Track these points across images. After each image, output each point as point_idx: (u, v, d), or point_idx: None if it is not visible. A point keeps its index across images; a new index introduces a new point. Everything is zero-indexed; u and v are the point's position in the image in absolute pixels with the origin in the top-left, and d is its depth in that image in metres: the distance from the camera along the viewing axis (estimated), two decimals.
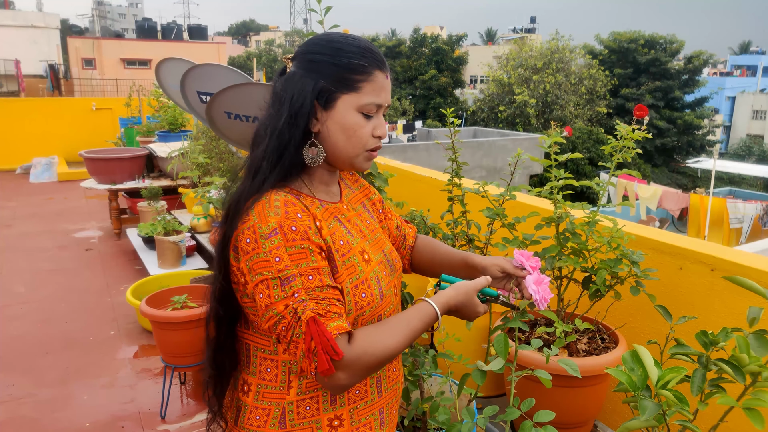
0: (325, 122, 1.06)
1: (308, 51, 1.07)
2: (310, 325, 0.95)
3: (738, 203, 13.07)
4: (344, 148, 1.07)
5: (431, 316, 1.09)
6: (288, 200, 1.01)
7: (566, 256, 1.97)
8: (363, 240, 1.14)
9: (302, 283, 0.97)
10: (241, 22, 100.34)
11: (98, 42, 29.23)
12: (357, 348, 0.98)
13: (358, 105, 1.05)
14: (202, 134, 5.10)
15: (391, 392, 1.17)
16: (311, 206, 1.06)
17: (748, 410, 1.15)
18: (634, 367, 1.20)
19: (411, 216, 2.72)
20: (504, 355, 1.23)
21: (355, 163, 1.10)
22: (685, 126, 28.87)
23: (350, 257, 1.07)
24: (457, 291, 1.14)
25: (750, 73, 52.45)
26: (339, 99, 1.05)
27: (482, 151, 18.92)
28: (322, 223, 1.05)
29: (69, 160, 9.31)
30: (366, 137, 1.07)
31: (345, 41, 1.07)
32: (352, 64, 1.04)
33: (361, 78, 1.05)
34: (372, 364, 1.00)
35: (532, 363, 1.79)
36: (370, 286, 1.08)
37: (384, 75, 1.08)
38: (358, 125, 1.06)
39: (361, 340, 0.99)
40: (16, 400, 2.94)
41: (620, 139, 2.00)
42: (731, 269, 1.83)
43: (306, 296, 0.96)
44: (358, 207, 1.23)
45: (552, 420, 1.27)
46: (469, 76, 42.96)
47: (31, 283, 4.58)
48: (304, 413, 1.06)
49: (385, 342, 1.02)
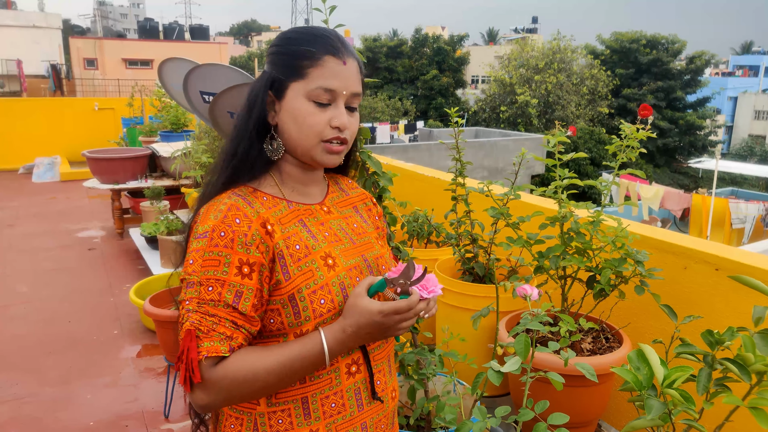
0: (279, 113, 1.05)
1: (269, 46, 1.09)
2: (185, 337, 0.94)
3: (740, 203, 13.06)
4: (298, 138, 1.03)
5: (315, 344, 0.98)
6: (235, 204, 0.99)
7: (570, 255, 1.97)
8: (333, 244, 1.08)
9: (198, 293, 0.95)
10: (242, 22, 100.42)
11: (100, 42, 29.26)
12: (220, 372, 0.94)
13: (306, 91, 1.02)
14: (204, 134, 5.10)
15: (375, 407, 1.10)
16: (272, 209, 1.03)
17: (754, 409, 1.15)
18: (639, 366, 1.20)
19: (415, 216, 2.72)
20: (524, 356, 1.23)
21: (314, 156, 1.04)
22: (687, 126, 28.84)
23: (308, 262, 1.02)
24: (344, 311, 1.02)
25: (752, 73, 52.39)
26: (288, 87, 1.03)
27: (484, 152, 18.92)
28: (275, 226, 1.01)
29: (71, 160, 9.32)
30: (319, 126, 1.02)
31: (299, 32, 1.06)
32: (299, 51, 1.03)
33: (309, 63, 1.02)
34: (234, 391, 0.95)
35: (542, 365, 1.79)
36: (330, 292, 1.02)
37: (339, 60, 1.03)
38: (307, 112, 1.02)
39: (229, 364, 0.95)
40: (20, 400, 2.94)
41: (624, 139, 2.00)
42: (736, 269, 1.83)
43: (195, 307, 0.95)
44: (347, 210, 1.18)
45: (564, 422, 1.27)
46: (470, 76, 42.94)
47: (34, 282, 4.58)
48: (277, 426, 1.03)
49: (252, 369, 0.95)
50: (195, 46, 30.01)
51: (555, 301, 2.16)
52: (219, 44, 32.69)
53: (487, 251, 2.27)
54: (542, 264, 1.99)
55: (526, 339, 1.24)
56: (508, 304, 2.14)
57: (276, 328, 1.01)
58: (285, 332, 1.01)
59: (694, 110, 30.09)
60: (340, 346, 1.00)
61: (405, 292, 1.02)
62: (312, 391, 1.03)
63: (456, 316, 2.24)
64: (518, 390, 1.94)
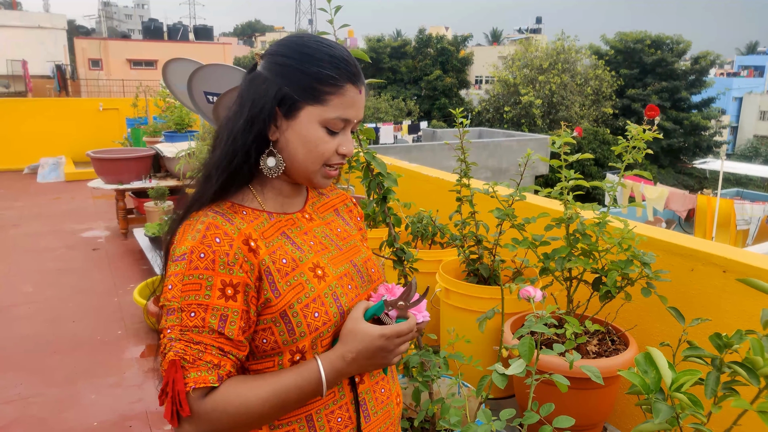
0: (285, 131, 0.98)
1: (277, 52, 0.99)
2: (169, 368, 0.89)
3: (745, 204, 12.99)
4: (303, 162, 0.99)
5: (312, 373, 0.94)
6: (212, 223, 0.94)
7: (576, 257, 1.96)
8: (320, 254, 1.04)
9: (180, 320, 0.90)
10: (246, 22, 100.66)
11: (105, 43, 29.37)
12: (209, 404, 0.89)
13: (323, 119, 0.97)
14: (208, 134, 5.11)
15: (381, 416, 1.07)
16: (253, 222, 0.98)
17: (763, 413, 1.14)
18: (647, 370, 1.19)
19: (419, 216, 2.72)
20: (528, 359, 1.22)
21: (312, 180, 1.01)
22: (692, 127, 28.75)
23: (296, 275, 0.98)
24: (340, 337, 0.98)
25: (757, 73, 52.19)
26: (302, 109, 0.96)
27: (487, 152, 18.90)
28: (259, 242, 0.96)
29: (76, 160, 9.35)
30: (327, 153, 0.99)
31: (317, 47, 0.98)
32: (321, 74, 0.96)
33: (330, 90, 0.96)
34: (223, 425, 0.90)
35: (548, 367, 1.78)
36: (324, 304, 0.98)
37: (357, 89, 0.99)
38: (319, 140, 0.98)
39: (219, 396, 0.90)
40: (25, 400, 2.95)
41: (630, 140, 1.99)
42: (743, 271, 1.82)
43: (177, 335, 0.90)
44: (329, 215, 1.14)
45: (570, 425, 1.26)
46: (474, 76, 42.91)
47: (39, 282, 4.59)
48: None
49: (244, 400, 0.91)
50: (199, 46, 30.09)
51: (561, 302, 2.15)
52: (223, 45, 32.78)
53: (492, 252, 2.26)
54: (548, 265, 1.98)
55: (531, 342, 1.23)
56: (514, 306, 2.13)
57: (270, 347, 0.97)
58: (280, 351, 0.97)
59: (698, 111, 29.98)
60: (337, 375, 0.96)
61: (402, 315, 0.99)
62: (316, 407, 1.00)
63: (461, 318, 2.23)
64: (523, 392, 1.93)
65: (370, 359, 0.96)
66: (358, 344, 0.95)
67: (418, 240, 2.73)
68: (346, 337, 0.97)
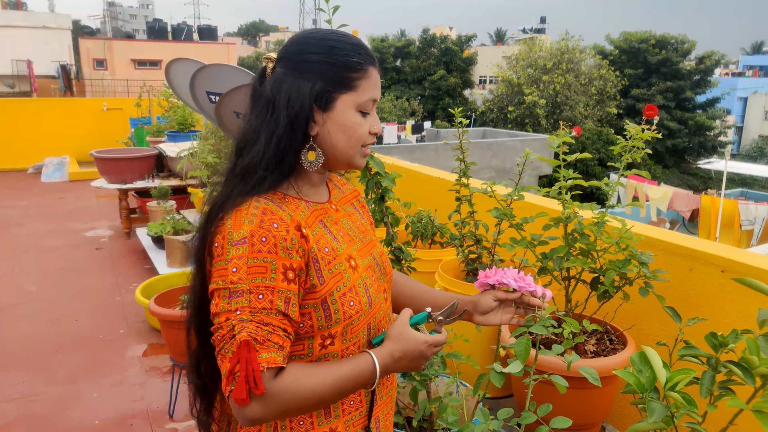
0: (324, 124, 1.02)
1: (300, 52, 1.02)
2: (241, 348, 0.90)
3: (750, 204, 12.94)
4: (344, 149, 1.05)
5: (368, 367, 1.01)
6: (267, 209, 0.97)
7: (574, 256, 1.96)
8: (350, 245, 1.09)
9: (248, 302, 0.92)
10: (250, 22, 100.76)
11: (109, 43, 29.47)
12: (281, 384, 0.93)
13: (357, 103, 1.03)
14: (211, 134, 5.12)
15: (386, 399, 1.14)
16: (296, 210, 1.02)
17: (758, 413, 1.14)
18: (642, 369, 1.19)
19: (419, 216, 2.72)
20: (524, 359, 1.22)
21: (353, 162, 1.08)
22: (697, 127, 28.63)
23: (336, 264, 1.03)
24: (390, 337, 1.05)
25: (762, 73, 51.97)
26: (338, 99, 1.02)
27: (491, 152, 18.89)
28: (308, 230, 1.00)
29: (80, 159, 9.39)
30: (365, 135, 1.06)
31: (338, 38, 1.04)
32: (349, 62, 1.02)
33: (358, 75, 1.03)
34: (291, 405, 0.95)
35: (546, 366, 1.78)
36: (358, 294, 1.04)
37: (377, 70, 1.07)
38: (357, 124, 1.04)
39: (289, 377, 0.94)
40: (27, 398, 2.97)
41: (629, 139, 1.99)
42: (742, 271, 1.82)
43: (248, 316, 0.92)
44: (348, 207, 1.19)
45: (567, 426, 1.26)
46: (478, 76, 42.85)
47: (42, 281, 4.62)
48: (298, 428, 1.03)
49: (311, 384, 0.96)
50: (203, 46, 30.16)
51: (559, 302, 2.15)
52: (227, 45, 32.85)
53: (490, 252, 2.26)
54: (546, 265, 1.98)
55: (527, 341, 1.23)
56: None
57: (305, 331, 1.01)
58: (313, 335, 1.01)
59: (703, 111, 29.85)
60: (385, 370, 1.03)
61: (437, 329, 1.11)
62: None
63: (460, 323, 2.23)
64: (522, 392, 1.93)
65: (411, 361, 1.05)
66: (406, 346, 1.04)
67: (418, 239, 2.74)
68: (396, 337, 1.05)
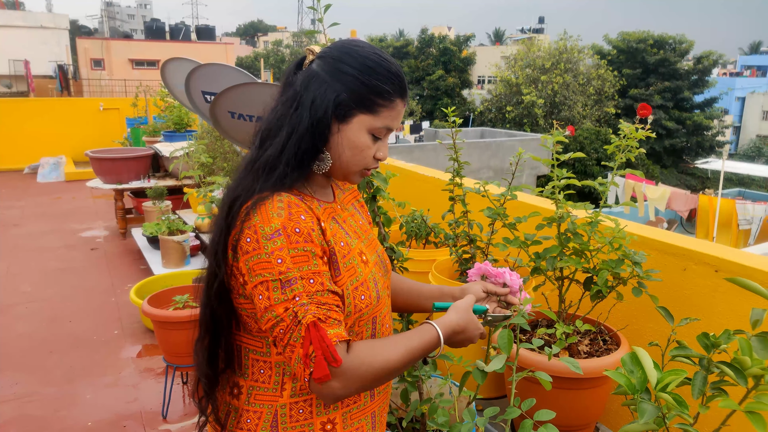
0: (336, 133, 1.04)
1: (339, 59, 1.04)
2: (310, 330, 0.93)
3: (747, 204, 12.94)
4: (347, 164, 1.07)
5: (433, 337, 1.08)
6: (291, 202, 1.00)
7: (567, 256, 1.95)
8: (359, 241, 1.13)
9: (303, 287, 0.95)
10: (249, 22, 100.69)
11: (107, 43, 29.43)
12: (356, 357, 0.97)
13: (372, 127, 1.05)
14: (206, 134, 5.12)
15: (382, 395, 1.17)
16: (313, 206, 1.05)
17: (751, 414, 1.13)
18: (633, 370, 1.19)
19: (412, 216, 2.71)
20: (507, 351, 1.21)
21: (349, 178, 1.11)
22: (695, 127, 28.65)
23: (350, 258, 1.06)
24: (457, 311, 1.14)
25: (760, 73, 52.04)
26: (355, 117, 1.03)
27: (490, 152, 18.87)
28: (325, 224, 1.04)
29: (76, 160, 9.37)
30: (369, 158, 1.07)
31: (378, 61, 1.05)
32: (379, 88, 1.03)
33: (384, 104, 1.04)
34: (368, 377, 0.98)
35: (533, 364, 1.77)
36: (368, 288, 1.07)
37: (403, 103, 1.08)
38: (365, 145, 1.05)
39: (360, 350, 0.98)
40: (22, 399, 2.95)
41: (623, 139, 1.98)
42: (736, 270, 1.81)
43: (307, 300, 0.95)
44: (350, 208, 1.22)
45: (553, 420, 1.25)
46: (476, 76, 42.86)
47: (38, 282, 4.60)
48: (297, 416, 1.05)
49: (385, 355, 1.00)
50: (201, 46, 30.12)
51: (552, 302, 2.14)
52: (225, 45, 32.83)
53: (484, 252, 2.26)
54: (539, 265, 1.97)
55: (509, 333, 1.23)
56: None
57: None
58: None
59: (701, 111, 29.87)
60: (447, 340, 1.11)
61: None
62: None
63: None
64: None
65: (463, 340, 1.14)
66: (468, 323, 1.13)
67: (413, 239, 2.73)
68: (464, 315, 1.14)
